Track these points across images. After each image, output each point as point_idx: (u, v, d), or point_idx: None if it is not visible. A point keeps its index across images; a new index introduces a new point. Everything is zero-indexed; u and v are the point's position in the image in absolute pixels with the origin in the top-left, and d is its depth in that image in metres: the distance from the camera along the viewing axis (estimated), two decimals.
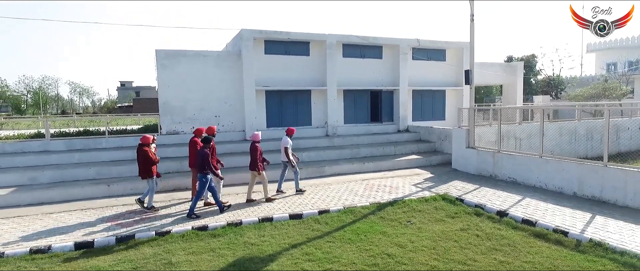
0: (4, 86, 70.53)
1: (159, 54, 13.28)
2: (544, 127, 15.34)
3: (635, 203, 8.04)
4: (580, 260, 5.92)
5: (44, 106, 75.54)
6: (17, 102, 70.01)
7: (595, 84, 29.73)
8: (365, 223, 7.85)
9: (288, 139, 9.89)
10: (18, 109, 68.78)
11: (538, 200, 8.96)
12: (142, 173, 8.53)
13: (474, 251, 6.40)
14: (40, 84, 79.55)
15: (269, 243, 6.91)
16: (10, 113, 68.74)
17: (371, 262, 6.07)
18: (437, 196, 9.63)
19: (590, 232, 6.77)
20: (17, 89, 74.79)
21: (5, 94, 70.43)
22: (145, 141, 8.60)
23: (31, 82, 78.71)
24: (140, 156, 8.50)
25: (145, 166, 8.48)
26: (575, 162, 9.36)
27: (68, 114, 70.05)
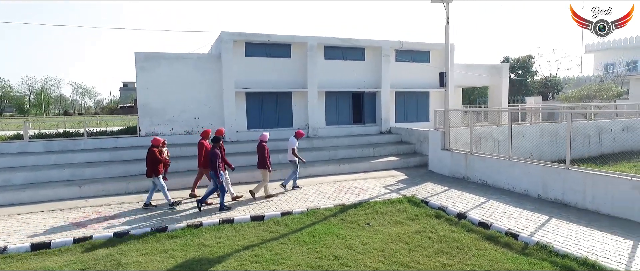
0: (7, 86, 71.25)
1: (138, 56, 13.42)
2: (526, 129, 15.54)
3: (593, 206, 8.05)
4: (522, 262, 5.97)
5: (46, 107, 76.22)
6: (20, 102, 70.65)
7: (587, 85, 29.61)
8: (324, 225, 7.93)
9: (295, 140, 10.43)
10: (21, 110, 69.44)
11: (501, 202, 8.99)
12: (149, 172, 9.00)
13: (421, 253, 6.46)
14: (43, 84, 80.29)
15: (222, 245, 7.00)
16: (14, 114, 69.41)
17: (316, 264, 6.15)
18: (403, 198, 9.68)
19: (540, 235, 6.80)
20: (20, 89, 75.53)
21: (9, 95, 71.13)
22: (155, 142, 9.14)
23: (34, 83, 79.49)
24: (149, 156, 8.97)
25: (153, 166, 8.95)
26: (540, 165, 9.39)
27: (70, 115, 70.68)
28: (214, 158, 8.63)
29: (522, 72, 44.80)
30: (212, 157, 8.68)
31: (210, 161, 8.72)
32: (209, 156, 8.82)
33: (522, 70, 44.81)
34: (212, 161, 8.68)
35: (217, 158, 8.63)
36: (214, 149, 8.75)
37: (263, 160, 9.66)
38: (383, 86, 16.82)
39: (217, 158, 8.64)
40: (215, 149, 8.73)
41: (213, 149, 8.77)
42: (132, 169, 11.54)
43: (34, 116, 65.25)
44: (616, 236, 6.61)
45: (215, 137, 9.05)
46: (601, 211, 7.89)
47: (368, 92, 17.24)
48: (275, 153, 13.20)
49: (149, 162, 8.97)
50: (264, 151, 9.65)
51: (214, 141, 8.91)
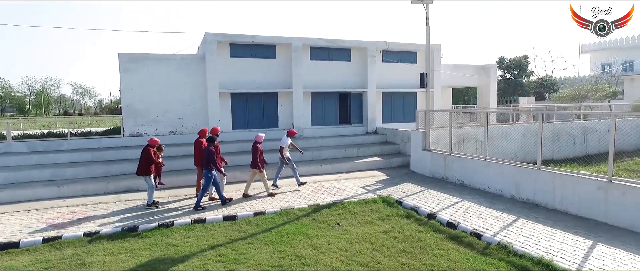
0: (7, 87, 71.53)
1: (121, 57, 13.51)
2: (510, 129, 15.58)
3: (562, 206, 8.11)
4: (480, 262, 6.03)
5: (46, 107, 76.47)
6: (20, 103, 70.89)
7: (579, 86, 29.62)
8: (294, 225, 7.99)
9: (287, 140, 10.70)
10: (21, 110, 69.72)
11: (474, 203, 9.05)
12: (141, 170, 9.09)
13: (384, 253, 6.52)
14: (43, 85, 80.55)
15: (189, 245, 7.07)
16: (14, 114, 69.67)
17: (277, 263, 6.22)
18: (378, 198, 9.74)
19: (503, 235, 6.86)
20: (20, 90, 75.81)
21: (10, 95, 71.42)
22: (152, 142, 9.31)
23: (34, 83, 79.77)
24: (143, 155, 9.11)
25: (146, 164, 9.06)
26: (513, 165, 9.44)
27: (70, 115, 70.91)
28: (209, 156, 8.91)
29: (518, 73, 44.85)
30: (206, 155, 8.95)
31: (205, 159, 8.96)
32: (204, 154, 9.06)
33: (517, 70, 44.86)
34: (206, 159, 8.92)
35: (211, 155, 8.91)
36: (209, 147, 9.03)
37: (255, 160, 9.91)
38: (369, 86, 16.89)
39: (212, 155, 8.91)
40: (210, 148, 9.01)
41: (208, 147, 9.05)
42: (114, 169, 11.62)
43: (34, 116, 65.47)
44: (577, 236, 6.67)
45: (210, 136, 9.33)
46: (569, 211, 7.95)
47: (354, 92, 17.31)
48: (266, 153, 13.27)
49: (143, 160, 9.11)
50: (257, 151, 9.92)
51: (209, 140, 9.19)
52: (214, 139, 9.25)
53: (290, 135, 10.83)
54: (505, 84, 44.91)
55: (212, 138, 9.22)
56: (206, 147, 9.13)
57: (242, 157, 12.79)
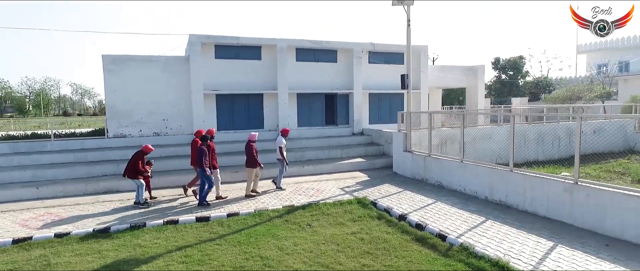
0: (7, 87, 71.76)
1: (105, 59, 13.58)
2: (494, 130, 15.60)
3: (532, 208, 8.16)
4: (439, 263, 6.08)
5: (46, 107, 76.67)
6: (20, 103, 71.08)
7: (571, 86, 29.66)
8: (266, 226, 8.05)
9: (282, 139, 10.82)
10: (21, 111, 69.94)
11: (447, 204, 9.10)
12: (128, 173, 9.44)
13: (347, 254, 6.57)
14: (42, 85, 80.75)
15: (157, 246, 7.13)
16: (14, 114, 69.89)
17: (240, 264, 6.27)
18: (353, 199, 9.79)
19: (468, 236, 6.92)
20: (20, 90, 76.05)
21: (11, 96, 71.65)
22: (146, 149, 9.65)
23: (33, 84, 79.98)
24: (132, 160, 9.48)
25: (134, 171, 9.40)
26: (487, 167, 9.49)
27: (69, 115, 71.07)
28: (201, 155, 9.19)
29: (513, 73, 44.89)
30: (199, 154, 9.23)
31: (198, 157, 9.26)
32: (197, 153, 9.36)
33: (513, 71, 44.90)
34: (199, 158, 9.20)
35: (204, 154, 9.21)
36: (202, 147, 9.31)
37: (250, 159, 10.11)
38: (355, 87, 16.94)
39: (204, 155, 9.21)
40: (203, 147, 9.29)
41: (201, 147, 9.32)
42: (95, 170, 11.69)
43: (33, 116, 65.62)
44: (540, 238, 6.72)
45: (203, 136, 9.68)
46: (538, 212, 8.00)
47: (341, 93, 17.37)
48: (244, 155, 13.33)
49: (131, 164, 9.42)
50: (252, 150, 10.12)
51: (203, 139, 9.53)
52: (207, 138, 9.60)
53: (284, 134, 11.06)
54: (500, 85, 44.96)
55: (205, 138, 9.58)
56: (199, 146, 9.42)
57: (226, 158, 12.85)
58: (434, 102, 21.78)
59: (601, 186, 6.91)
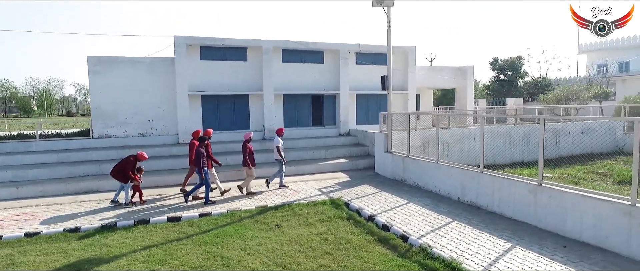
0: (11, 88, 72.49)
1: (90, 60, 13.72)
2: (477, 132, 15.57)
3: (499, 209, 8.18)
4: (395, 264, 6.13)
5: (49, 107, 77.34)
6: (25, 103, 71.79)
7: (565, 87, 29.55)
8: (235, 226, 8.12)
9: (279, 139, 11.08)
10: (26, 111, 70.62)
11: (419, 205, 9.14)
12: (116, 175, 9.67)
13: (308, 255, 6.63)
14: (46, 85, 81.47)
15: (124, 245, 7.22)
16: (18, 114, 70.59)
17: (199, 264, 6.35)
18: (327, 200, 9.85)
19: (430, 237, 6.96)
20: (24, 90, 76.82)
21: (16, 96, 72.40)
22: (140, 157, 9.84)
23: (37, 84, 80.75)
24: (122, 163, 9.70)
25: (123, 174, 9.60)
26: (459, 168, 9.51)
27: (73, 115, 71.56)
28: (198, 156, 9.42)
29: (512, 73, 44.77)
30: (197, 155, 9.46)
31: (196, 158, 9.49)
32: (195, 155, 9.56)
33: (511, 71, 44.79)
34: (197, 159, 9.45)
35: (201, 155, 9.42)
36: (200, 148, 9.53)
37: (245, 159, 10.34)
38: (342, 88, 17.00)
39: (202, 155, 9.42)
40: (200, 148, 9.51)
41: (198, 148, 9.54)
42: (77, 170, 11.82)
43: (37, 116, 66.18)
44: (500, 239, 6.75)
45: (201, 136, 9.92)
46: (505, 214, 8.03)
47: (328, 94, 17.43)
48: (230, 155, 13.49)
49: (121, 166, 9.65)
50: (247, 150, 10.34)
51: (200, 140, 9.75)
52: (204, 139, 9.85)
53: (279, 134, 11.30)
54: (498, 85, 44.88)
55: (203, 138, 9.82)
56: (197, 147, 9.64)
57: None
58: (425, 102, 21.79)
59: (562, 188, 6.93)
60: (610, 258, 5.87)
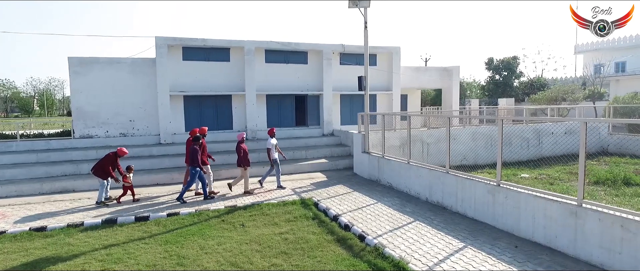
0: (12, 88, 72.80)
1: (71, 61, 13.82)
2: (460, 132, 15.63)
3: (462, 209, 8.23)
4: (345, 263, 6.18)
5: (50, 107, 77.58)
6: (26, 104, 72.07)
7: (556, 87, 29.56)
8: (200, 226, 8.19)
9: (270, 141, 11.17)
10: (27, 111, 70.92)
11: (387, 205, 9.20)
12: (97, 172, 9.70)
13: (264, 254, 6.69)
14: (47, 85, 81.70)
15: (86, 244, 7.29)
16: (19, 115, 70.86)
17: (154, 263, 6.42)
18: (297, 200, 9.91)
19: (386, 237, 7.02)
20: (25, 90, 77.11)
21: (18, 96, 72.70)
22: (120, 152, 9.92)
23: (38, 84, 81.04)
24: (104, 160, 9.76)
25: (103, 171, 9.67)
26: (427, 168, 9.56)
27: None
28: (193, 154, 9.63)
29: (507, 74, 44.73)
30: (191, 153, 9.68)
31: (190, 156, 9.72)
32: (189, 152, 9.81)
33: (507, 71, 44.75)
34: (191, 157, 9.67)
35: (196, 154, 9.62)
36: (194, 146, 9.76)
37: (239, 159, 10.58)
38: (325, 89, 17.06)
39: (195, 154, 9.61)
40: (195, 146, 9.74)
41: (193, 146, 9.77)
42: (54, 170, 11.92)
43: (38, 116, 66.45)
44: (454, 239, 6.81)
45: (195, 136, 10.09)
46: (468, 214, 8.08)
47: (311, 95, 17.49)
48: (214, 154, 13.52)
49: (101, 163, 9.69)
50: (240, 151, 10.55)
51: (195, 139, 9.95)
52: (199, 138, 10.01)
53: (271, 135, 11.32)
54: (493, 85, 44.84)
55: (197, 137, 9.98)
56: (191, 145, 9.82)
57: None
58: (413, 102, 21.82)
59: (517, 188, 6.97)
60: (558, 258, 5.92)
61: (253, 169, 12.57)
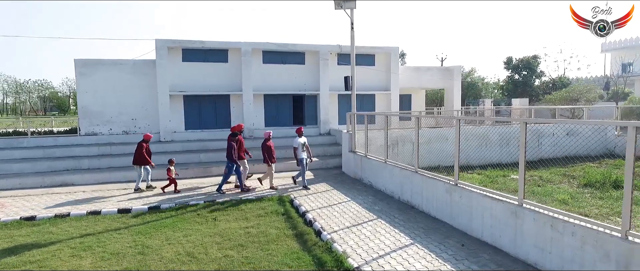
0: (50, 87, 77.02)
1: (77, 63, 14.71)
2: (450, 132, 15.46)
3: (426, 208, 8.33)
4: (293, 256, 6.43)
5: None
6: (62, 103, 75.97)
7: (572, 87, 28.61)
8: (175, 219, 8.62)
9: (297, 140, 11.33)
10: (63, 109, 74.84)
11: (357, 203, 9.40)
12: (136, 161, 10.96)
13: (222, 246, 7.04)
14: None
15: (66, 233, 7.82)
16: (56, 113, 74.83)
17: (118, 251, 6.87)
18: (275, 197, 10.25)
19: (341, 233, 7.23)
20: (61, 90, 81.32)
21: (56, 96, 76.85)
22: (146, 137, 11.26)
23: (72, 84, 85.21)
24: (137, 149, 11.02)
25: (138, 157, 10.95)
26: (399, 168, 9.67)
27: None
28: (228, 149, 10.37)
29: (526, 73, 43.51)
30: (227, 148, 10.43)
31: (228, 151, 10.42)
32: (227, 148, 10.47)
33: (526, 70, 43.53)
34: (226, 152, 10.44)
35: (230, 149, 10.33)
36: (231, 142, 10.43)
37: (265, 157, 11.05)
38: (322, 88, 17.32)
39: (231, 149, 10.31)
40: (231, 142, 10.41)
41: (229, 141, 10.45)
42: (57, 165, 12.75)
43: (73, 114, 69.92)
44: (405, 237, 6.95)
45: (232, 132, 10.76)
46: (431, 213, 8.18)
47: (309, 94, 17.79)
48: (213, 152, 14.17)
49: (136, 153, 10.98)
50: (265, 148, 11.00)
51: (232, 135, 10.61)
52: (236, 134, 10.69)
53: (298, 134, 11.43)
54: (513, 85, 43.70)
55: (234, 134, 10.67)
56: (228, 141, 10.51)
57: (188, 156, 13.69)
58: (417, 102, 21.73)
59: (471, 188, 7.03)
60: (498, 257, 5.98)
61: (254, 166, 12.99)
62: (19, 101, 71.29)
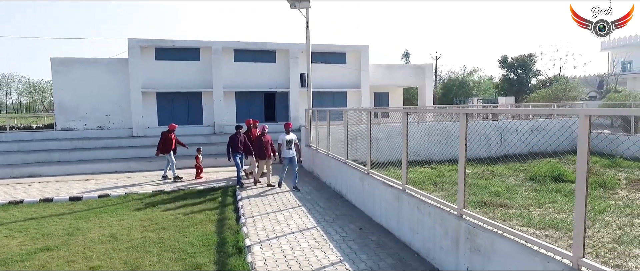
0: None
1: (53, 61, 15.48)
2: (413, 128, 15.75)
3: (349, 197, 8.77)
4: (201, 238, 6.84)
5: None
6: None
7: (554, 86, 28.56)
8: (116, 207, 9.10)
9: (283, 136, 10.78)
10: None
11: (291, 193, 9.87)
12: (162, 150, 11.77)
13: (145, 229, 7.48)
14: None
15: (13, 217, 8.46)
16: None
17: (50, 232, 7.45)
18: (222, 187, 10.80)
19: (257, 218, 7.72)
20: None
21: None
22: (171, 127, 12.05)
23: None
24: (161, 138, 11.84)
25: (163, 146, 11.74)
26: (336, 159, 10.11)
27: None
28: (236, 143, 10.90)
29: (522, 72, 43.33)
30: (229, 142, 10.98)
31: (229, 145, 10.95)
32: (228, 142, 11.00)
33: (521, 69, 43.35)
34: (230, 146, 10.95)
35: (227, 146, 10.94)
36: (237, 136, 10.94)
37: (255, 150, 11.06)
38: (291, 86, 17.82)
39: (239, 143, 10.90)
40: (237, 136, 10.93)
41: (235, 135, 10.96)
42: (30, 158, 13.50)
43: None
44: (312, 221, 7.40)
45: (237, 125, 11.39)
46: (352, 201, 8.61)
47: (280, 92, 18.30)
48: None
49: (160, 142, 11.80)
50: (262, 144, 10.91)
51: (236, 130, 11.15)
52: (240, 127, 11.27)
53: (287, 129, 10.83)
54: (508, 84, 43.55)
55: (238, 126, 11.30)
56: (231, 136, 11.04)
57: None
58: (395, 100, 22.06)
59: (375, 176, 7.45)
60: (384, 238, 6.40)
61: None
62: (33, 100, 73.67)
